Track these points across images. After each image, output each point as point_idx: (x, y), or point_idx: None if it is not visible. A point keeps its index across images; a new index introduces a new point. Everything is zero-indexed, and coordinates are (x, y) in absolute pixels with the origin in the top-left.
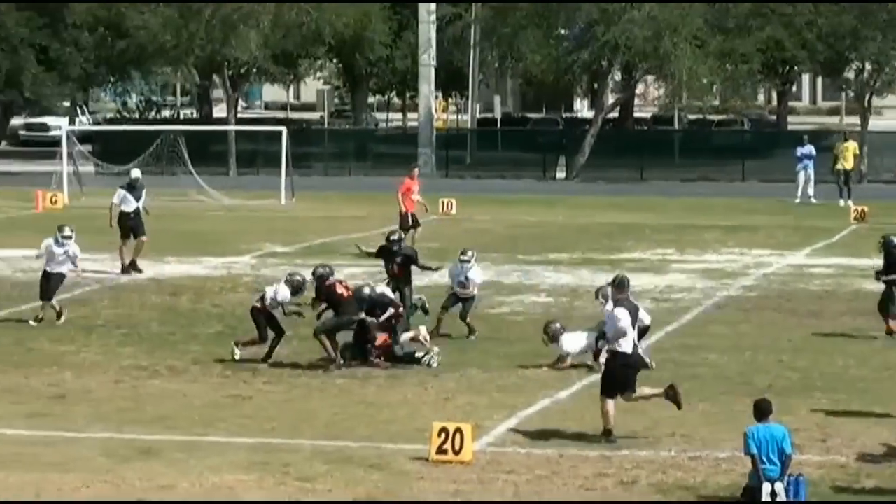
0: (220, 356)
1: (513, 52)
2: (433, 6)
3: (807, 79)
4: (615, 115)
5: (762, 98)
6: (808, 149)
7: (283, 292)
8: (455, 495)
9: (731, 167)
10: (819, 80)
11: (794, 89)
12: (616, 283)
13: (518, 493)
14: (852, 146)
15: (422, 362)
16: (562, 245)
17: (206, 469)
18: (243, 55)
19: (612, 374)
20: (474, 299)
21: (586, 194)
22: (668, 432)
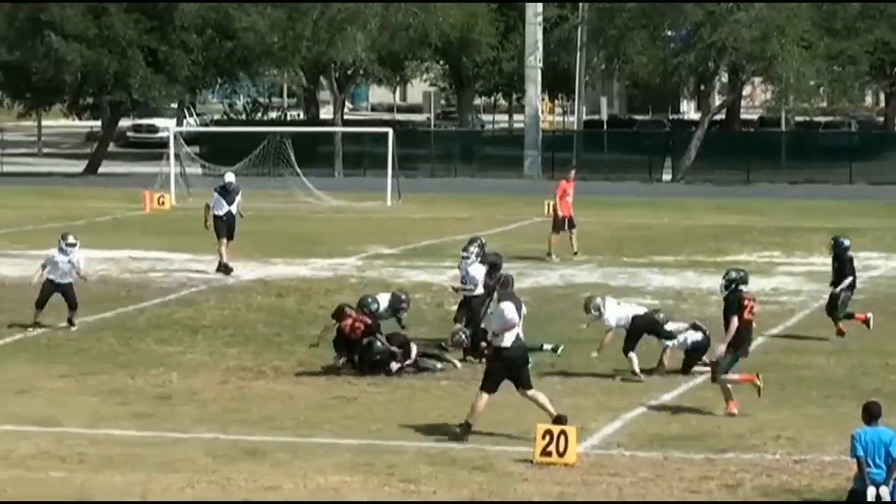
0: (325, 357)
1: (619, 53)
2: (540, 7)
3: None
4: (721, 116)
5: (870, 100)
6: None
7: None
8: (559, 497)
9: (839, 169)
10: None
11: None
12: (501, 280)
13: (622, 496)
14: None
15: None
16: (667, 247)
17: (311, 470)
18: (349, 57)
19: (491, 369)
20: (483, 303)
21: (692, 196)
22: (773, 435)
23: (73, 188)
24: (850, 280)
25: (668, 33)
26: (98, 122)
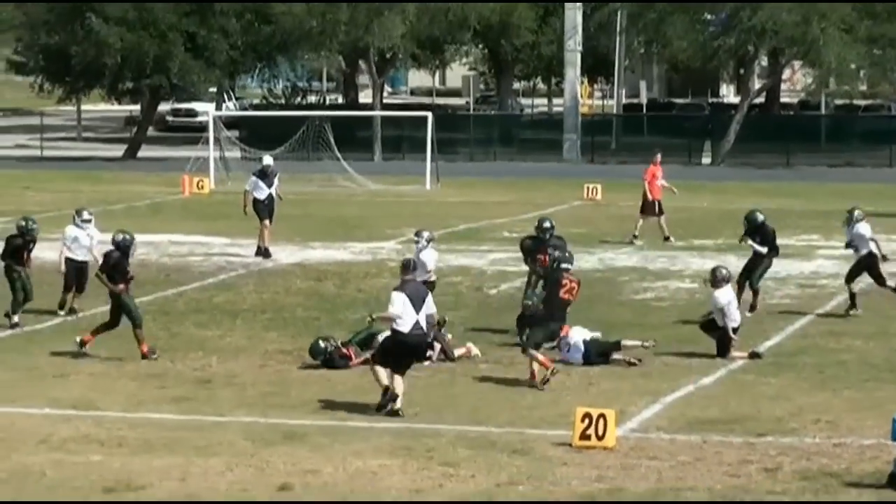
0: None
1: (659, 37)
2: None
3: None
4: (761, 100)
5: None
6: None
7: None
8: (598, 481)
9: (879, 153)
10: None
11: None
12: (402, 264)
13: (661, 479)
14: None
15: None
16: (707, 231)
17: (350, 454)
18: (386, 42)
19: (387, 349)
20: (433, 286)
21: (732, 180)
22: (812, 419)
23: (113, 172)
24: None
25: (708, 17)
26: (137, 107)
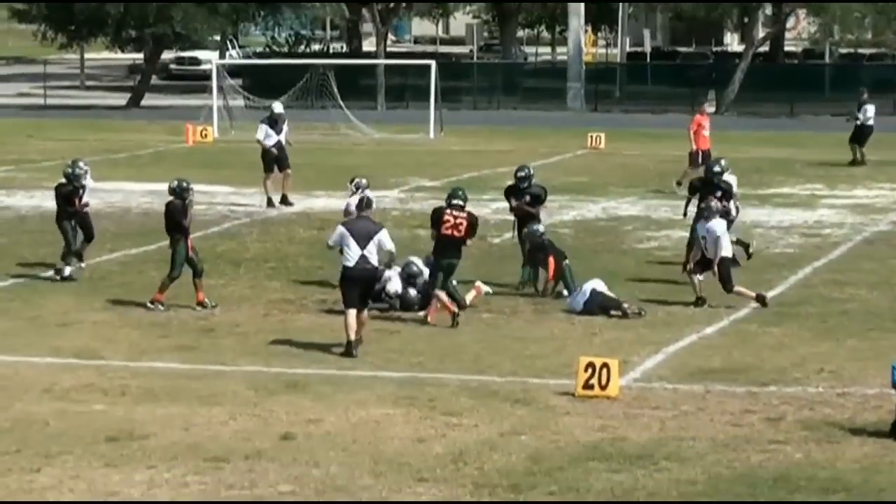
0: None
1: None
2: None
3: None
4: (766, 49)
5: None
6: None
7: (395, 285)
8: (600, 430)
9: (883, 101)
10: None
11: None
12: (358, 202)
13: (664, 429)
14: None
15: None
16: None
17: (353, 403)
18: None
19: (340, 284)
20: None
21: (736, 129)
22: (815, 368)
23: (116, 121)
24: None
25: None
26: (141, 55)
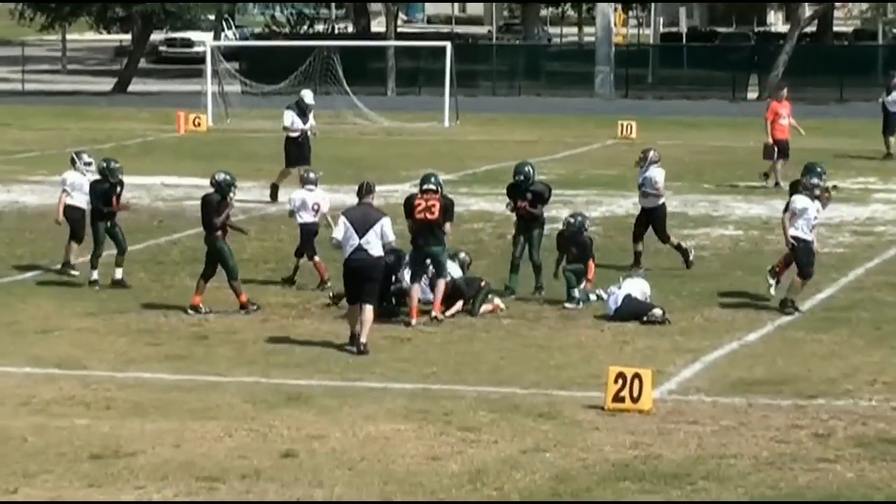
0: None
1: None
2: None
3: None
4: (812, 29)
5: None
6: None
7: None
8: (632, 448)
9: None
10: None
11: None
12: (358, 187)
13: (702, 446)
14: None
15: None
16: (753, 173)
17: (361, 417)
18: None
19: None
20: (314, 232)
21: None
22: (868, 380)
23: (101, 108)
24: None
25: None
26: (128, 36)
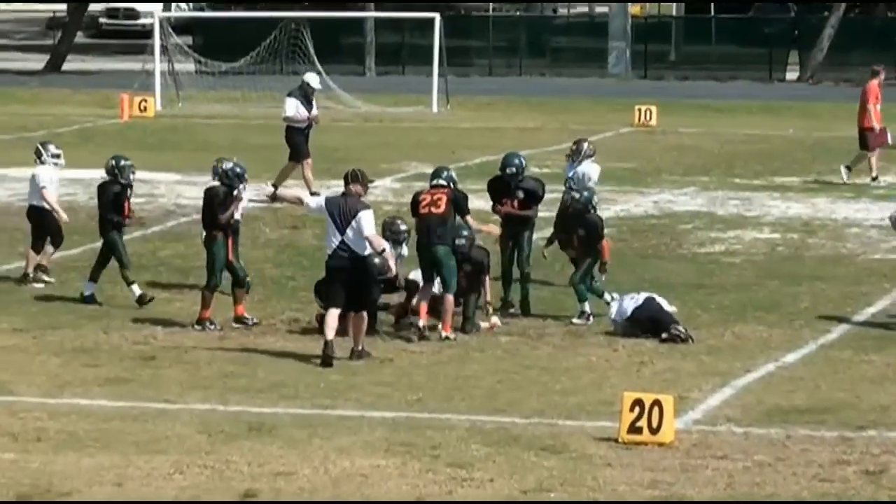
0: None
1: None
2: None
3: None
4: None
5: None
6: None
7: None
8: (651, 487)
9: None
10: None
11: None
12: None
13: (733, 485)
14: None
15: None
16: (792, 166)
17: (333, 451)
18: None
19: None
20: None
21: (824, 100)
22: None
23: (30, 90)
24: None
25: None
26: (62, 6)
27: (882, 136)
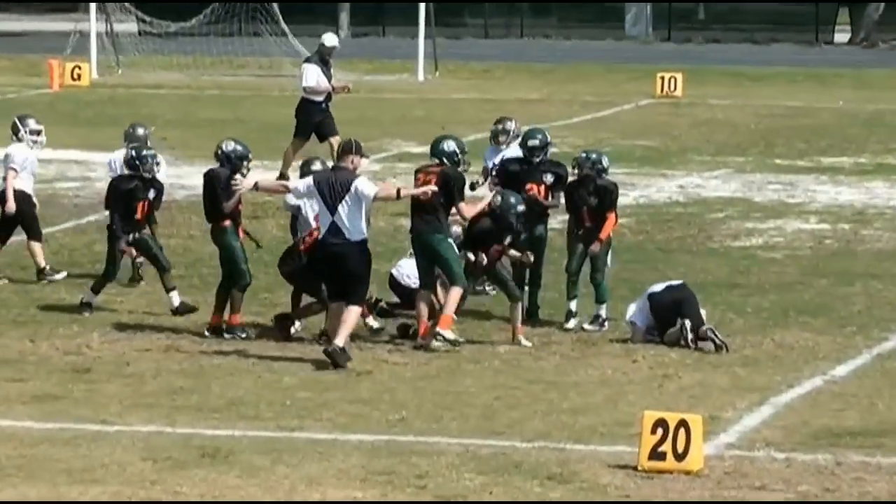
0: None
1: None
2: None
3: None
4: None
5: None
6: None
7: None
8: None
9: None
10: None
11: None
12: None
13: None
14: None
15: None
16: (842, 144)
17: (301, 481)
18: None
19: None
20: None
21: (880, 66)
22: None
23: None
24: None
25: None
26: None
27: None
